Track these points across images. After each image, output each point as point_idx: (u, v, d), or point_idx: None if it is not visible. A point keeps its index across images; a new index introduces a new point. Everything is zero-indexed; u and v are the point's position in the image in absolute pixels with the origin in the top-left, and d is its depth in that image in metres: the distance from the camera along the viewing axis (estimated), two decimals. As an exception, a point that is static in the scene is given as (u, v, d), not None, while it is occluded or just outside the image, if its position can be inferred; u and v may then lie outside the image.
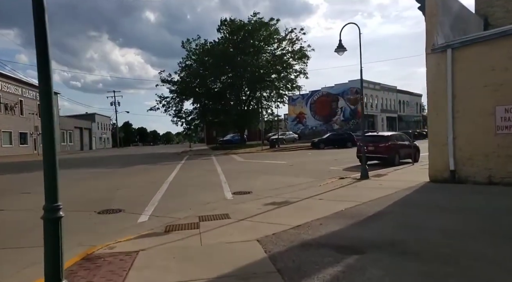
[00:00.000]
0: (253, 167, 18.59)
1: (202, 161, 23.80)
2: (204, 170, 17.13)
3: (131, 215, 7.81)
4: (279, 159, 23.10)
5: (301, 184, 11.81)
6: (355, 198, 8.36)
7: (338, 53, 12.23)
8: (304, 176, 13.96)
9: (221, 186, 11.55)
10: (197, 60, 37.71)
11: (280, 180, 12.97)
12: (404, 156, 17.51)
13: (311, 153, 28.55)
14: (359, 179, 11.80)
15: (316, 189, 10.44)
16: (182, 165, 20.29)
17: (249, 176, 14.24)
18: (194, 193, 10.62)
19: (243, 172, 15.89)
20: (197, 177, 14.40)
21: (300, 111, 63.46)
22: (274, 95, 40.06)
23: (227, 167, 18.15)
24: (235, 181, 12.85)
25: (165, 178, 13.90)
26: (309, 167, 17.43)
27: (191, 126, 39.47)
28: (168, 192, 10.76)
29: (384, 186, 10.09)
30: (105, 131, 77.67)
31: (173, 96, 37.49)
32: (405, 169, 14.51)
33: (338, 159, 22.12)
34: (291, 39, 36.97)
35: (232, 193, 10.21)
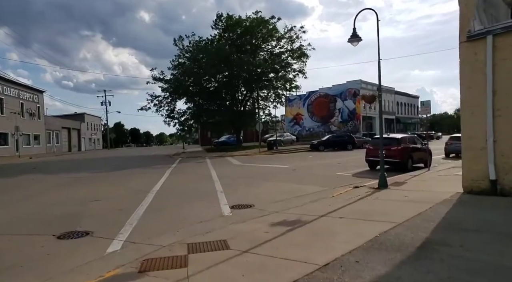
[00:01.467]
0: (252, 171, 16.90)
1: (196, 165, 22.04)
2: (197, 175, 15.38)
3: (100, 240, 6.07)
4: (280, 162, 21.43)
5: (310, 193, 10.17)
6: (384, 216, 6.71)
7: (352, 43, 10.62)
8: (311, 183, 12.30)
9: (217, 197, 9.84)
10: (191, 58, 35.86)
11: (284, 188, 11.30)
12: (417, 160, 15.97)
13: (312, 156, 26.94)
14: (377, 188, 10.17)
15: (329, 201, 8.80)
16: (173, 169, 18.50)
17: (248, 183, 12.54)
18: (184, 206, 8.89)
19: (241, 178, 14.19)
20: (189, 185, 12.65)
21: (297, 112, 61.96)
22: (271, 95, 38.43)
23: (223, 172, 16.44)
24: (232, 189, 11.15)
25: (152, 185, 12.14)
26: (314, 172, 15.80)
27: (184, 127, 37.58)
28: (153, 204, 9.02)
29: (411, 198, 8.46)
30: (95, 132, 75.29)
31: (165, 95, 35.62)
32: (423, 175, 12.92)
33: (342, 162, 20.53)
34: (291, 37, 35.37)
35: (230, 207, 8.52)
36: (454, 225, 5.99)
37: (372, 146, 15.92)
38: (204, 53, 34.68)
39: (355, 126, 54.41)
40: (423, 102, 14.33)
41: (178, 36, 37.33)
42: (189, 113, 37.29)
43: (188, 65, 35.61)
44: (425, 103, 14.25)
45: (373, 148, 15.84)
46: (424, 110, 14.27)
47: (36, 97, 47.79)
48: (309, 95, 60.30)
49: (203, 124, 39.79)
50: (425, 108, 14.24)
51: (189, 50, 36.49)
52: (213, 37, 36.88)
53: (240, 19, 35.09)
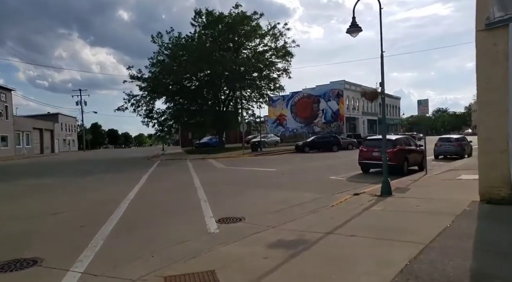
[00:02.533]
0: (238, 176, 15.62)
1: (176, 168, 20.52)
2: (178, 182, 13.95)
3: (50, 272, 4.66)
4: (266, 165, 20.25)
5: (306, 202, 9.01)
6: (404, 233, 5.61)
7: (351, 34, 9.53)
8: (304, 189, 11.16)
9: (200, 208, 8.51)
10: (171, 55, 34.17)
11: (276, 196, 10.10)
12: (412, 163, 15.14)
13: (299, 158, 25.90)
14: (380, 195, 9.12)
15: (330, 211, 7.67)
16: (150, 174, 16.95)
17: (236, 191, 11.26)
18: (161, 220, 7.52)
19: (227, 184, 12.87)
20: (168, 193, 11.22)
21: (281, 113, 61.09)
22: (255, 95, 37.18)
23: (206, 177, 15.08)
24: (218, 198, 9.85)
25: (125, 194, 10.65)
26: (305, 176, 14.68)
27: (163, 128, 35.78)
28: (124, 219, 7.61)
29: (425, 208, 7.43)
30: (70, 133, 71.84)
31: (143, 95, 33.75)
32: (424, 180, 12.01)
33: (332, 165, 19.56)
34: (274, 35, 34.26)
35: (216, 220, 7.22)
36: (494, 246, 4.92)
37: (366, 148, 14.97)
38: (184, 51, 33.09)
39: (338, 127, 54.01)
40: (420, 101, 13.51)
41: (157, 32, 35.60)
42: (169, 113, 35.57)
43: (167, 63, 33.91)
44: (423, 102, 13.43)
45: (366, 149, 14.90)
46: (422, 109, 13.44)
47: (4, 96, 44.72)
48: (293, 96, 59.54)
49: (184, 125, 38.12)
50: (423, 107, 13.42)
51: (168, 47, 34.80)
52: (193, 34, 35.32)
53: (221, 15, 33.68)
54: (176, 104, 35.71)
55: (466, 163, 17.54)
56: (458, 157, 21.28)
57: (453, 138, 22.75)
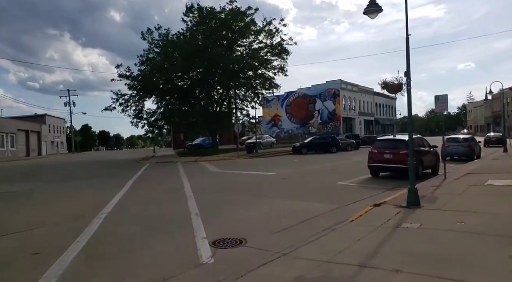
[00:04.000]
0: (234, 181, 14.04)
1: (165, 173, 18.83)
2: (166, 189, 12.29)
3: None
4: (264, 168, 18.69)
5: (318, 215, 7.51)
6: (464, 265, 4.16)
7: (369, 15, 8.05)
8: (312, 197, 9.65)
9: (190, 224, 6.92)
10: (161, 52, 32.43)
11: (281, 207, 8.57)
12: (427, 166, 13.73)
13: (297, 160, 24.40)
14: (406, 206, 7.63)
15: (353, 230, 6.17)
16: (136, 179, 15.26)
17: (233, 200, 9.67)
18: (139, 245, 5.91)
19: (222, 192, 11.26)
20: (154, 204, 9.58)
21: (275, 114, 59.70)
22: (249, 95, 35.60)
23: (199, 182, 13.48)
24: (212, 210, 8.28)
25: (103, 204, 9.00)
26: (310, 181, 13.18)
27: (153, 129, 33.97)
28: (93, 243, 5.98)
29: (472, 226, 5.94)
30: (59, 135, 69.39)
31: (132, 94, 31.97)
32: (448, 186, 10.55)
33: (335, 168, 18.12)
34: (270, 31, 32.73)
35: (211, 243, 5.66)
36: None
37: (377, 149, 13.50)
38: (175, 48, 31.39)
39: (335, 127, 52.78)
40: (438, 97, 12.01)
41: (147, 29, 33.86)
42: (160, 113, 33.81)
43: (158, 60, 32.17)
44: (441, 98, 11.93)
45: (377, 151, 13.43)
46: (440, 106, 11.96)
47: (-15, 96, 42.50)
48: (288, 96, 58.21)
49: (175, 125, 36.34)
50: (441, 104, 11.93)
51: (159, 44, 33.04)
52: (184, 31, 33.62)
53: (214, 10, 32.03)
54: (167, 104, 33.97)
55: (481, 165, 16.25)
56: (467, 158, 20.01)
57: (462, 138, 21.47)
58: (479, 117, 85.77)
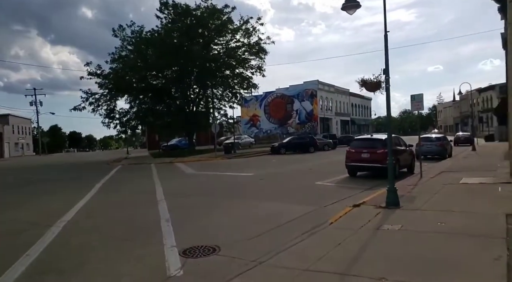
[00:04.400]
0: (209, 183, 13.55)
1: (137, 174, 18.04)
2: (136, 192, 11.63)
3: None
4: (242, 169, 18.28)
5: (297, 218, 7.20)
6: (449, 269, 3.92)
7: (348, 11, 7.82)
8: (290, 199, 9.35)
9: (160, 232, 6.41)
10: (134, 50, 31.31)
11: (258, 209, 8.19)
12: (403, 165, 13.76)
13: (276, 160, 24.15)
14: (386, 207, 7.44)
15: (333, 233, 5.88)
16: (105, 183, 14.44)
17: (207, 203, 9.19)
18: (101, 257, 5.35)
19: (197, 195, 10.75)
20: (120, 209, 8.95)
21: (254, 114, 59.40)
22: (227, 94, 35.07)
23: (172, 185, 12.90)
24: (185, 215, 7.79)
25: (63, 212, 8.29)
26: (288, 182, 12.87)
27: (126, 129, 32.75)
28: (47, 256, 5.38)
29: (451, 226, 5.78)
30: (24, 136, 65.99)
31: (103, 93, 30.67)
32: (425, 185, 10.52)
33: (313, 168, 17.95)
34: (247, 30, 32.34)
35: (181, 252, 5.21)
36: None
37: (354, 149, 13.39)
38: (149, 45, 30.41)
39: (313, 128, 53.10)
40: (414, 96, 12.03)
41: (118, 25, 32.62)
42: (133, 113, 32.65)
43: (130, 58, 31.05)
44: (417, 97, 11.96)
45: (355, 151, 13.32)
46: (416, 105, 11.98)
47: None
48: (266, 96, 58.06)
49: (150, 125, 35.23)
50: (417, 103, 11.95)
51: (132, 41, 31.88)
52: (159, 28, 32.65)
53: (189, 7, 31.26)
54: (141, 104, 32.88)
55: (453, 163, 16.54)
56: (439, 157, 20.41)
57: (435, 137, 21.89)
58: (448, 118, 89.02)
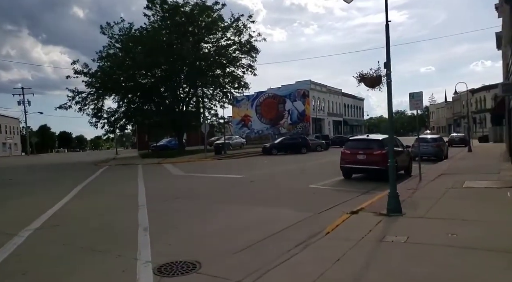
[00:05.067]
0: (197, 185, 12.78)
1: (121, 176, 17.17)
2: (117, 196, 10.81)
3: None
4: (232, 170, 17.55)
5: (289, 226, 6.50)
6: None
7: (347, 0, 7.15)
8: (282, 203, 8.66)
9: (135, 242, 5.65)
10: (123, 48, 30.29)
11: (246, 216, 7.48)
12: (401, 167, 13.16)
13: (267, 161, 23.45)
14: (386, 214, 6.79)
15: (330, 246, 5.20)
16: (86, 185, 13.57)
17: (191, 209, 8.44)
18: (63, 271, 4.58)
19: (181, 198, 9.97)
20: (96, 215, 8.12)
21: (245, 114, 58.69)
22: (218, 94, 34.27)
23: (156, 188, 12.10)
24: (165, 223, 7.03)
25: (32, 219, 7.45)
26: (280, 184, 12.18)
27: (114, 128, 31.70)
28: (0, 272, 4.59)
29: (465, 239, 5.13)
30: (11, 136, 64.33)
31: (90, 92, 29.60)
32: (424, 189, 9.92)
33: (305, 169, 17.31)
34: (238, 28, 31.57)
35: (155, 270, 4.46)
36: None
37: (349, 150, 12.75)
38: (136, 42, 29.46)
39: (305, 128, 52.59)
40: (412, 94, 11.41)
41: (106, 23, 31.59)
42: (121, 112, 31.64)
43: (119, 56, 30.04)
44: (416, 95, 11.35)
45: (350, 152, 12.68)
46: (415, 104, 11.37)
47: None
48: (258, 96, 57.40)
49: (139, 125, 34.20)
50: (416, 101, 11.34)
51: (120, 39, 30.86)
52: (148, 26, 31.68)
53: (178, 4, 30.35)
54: (130, 103, 31.88)
55: (451, 165, 16.03)
56: (436, 158, 19.94)
57: (431, 138, 21.43)
58: (441, 118, 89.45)
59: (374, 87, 7.17)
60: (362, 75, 7.17)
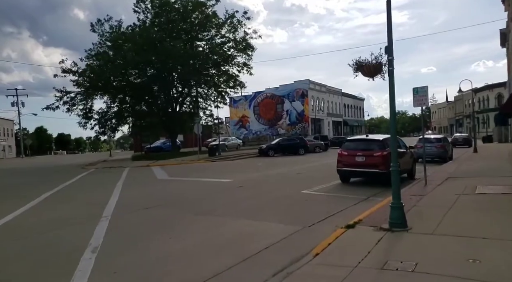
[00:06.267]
0: (178, 191, 11.61)
1: (101, 181, 15.93)
2: (84, 204, 9.59)
3: None
4: (222, 173, 16.38)
5: (271, 246, 5.33)
6: None
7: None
8: (268, 214, 7.50)
9: (73, 269, 4.48)
10: (113, 47, 29.14)
11: (224, 231, 6.32)
12: (403, 169, 11.96)
13: (262, 163, 22.28)
14: (389, 229, 5.63)
15: (317, 274, 4.09)
16: (59, 190, 12.40)
17: (162, 221, 7.26)
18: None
19: (154, 208, 8.74)
20: (49, 229, 6.89)
21: (243, 115, 57.49)
22: (213, 94, 33.13)
23: (132, 194, 10.93)
24: (123, 241, 5.87)
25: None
26: (270, 190, 10.99)
27: (105, 129, 30.49)
28: None
29: (492, 265, 3.97)
30: (5, 138, 63.19)
31: (79, 91, 28.44)
32: (431, 195, 8.76)
33: (301, 172, 16.14)
34: (233, 25, 30.44)
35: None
36: None
37: (347, 151, 11.57)
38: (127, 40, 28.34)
39: (304, 129, 51.40)
40: (416, 89, 10.22)
41: (97, 19, 30.47)
42: (112, 113, 30.49)
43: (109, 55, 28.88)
44: (420, 90, 10.16)
45: (348, 153, 11.50)
46: (419, 100, 10.18)
47: None
48: (255, 96, 56.23)
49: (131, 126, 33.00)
50: (420, 97, 10.15)
51: (110, 37, 29.70)
52: (140, 23, 30.55)
53: (169, 0, 29.20)
54: (121, 103, 30.73)
55: (458, 168, 14.85)
56: (439, 160, 18.78)
57: (434, 138, 20.22)
58: (443, 119, 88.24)
59: (374, 76, 6.02)
60: (359, 62, 6.02)
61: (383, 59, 5.89)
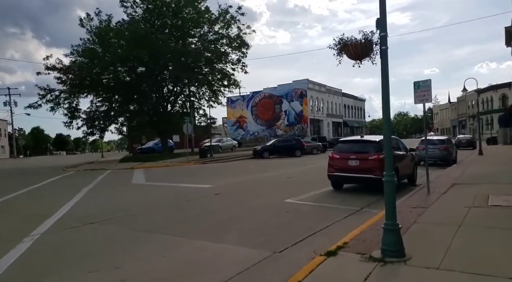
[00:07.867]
0: (146, 199, 10.23)
1: (70, 185, 14.39)
2: (23, 217, 8.12)
3: None
4: (203, 177, 15.03)
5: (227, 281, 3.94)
6: None
7: None
8: (235, 232, 6.13)
9: None
10: (100, 42, 27.81)
11: (172, 256, 4.96)
12: (403, 175, 10.60)
13: (254, 165, 20.93)
14: (382, 259, 4.26)
15: None
16: (12, 197, 11.04)
17: (103, 241, 5.90)
18: None
19: (104, 222, 7.32)
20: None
21: (241, 115, 56.16)
22: (206, 93, 31.78)
23: (90, 203, 9.58)
24: (28, 273, 4.50)
25: None
26: (250, 198, 9.61)
27: (93, 130, 29.12)
28: None
29: None
30: (-2, 138, 62.08)
31: (64, 89, 27.12)
32: (436, 208, 7.37)
33: (292, 176, 14.78)
34: (227, 21, 29.10)
35: None
36: None
37: (339, 154, 10.19)
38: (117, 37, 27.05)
39: (302, 129, 50.04)
40: (418, 83, 8.86)
41: (86, 14, 29.16)
42: (101, 112, 29.15)
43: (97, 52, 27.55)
44: (422, 84, 8.80)
45: (340, 157, 10.12)
46: (421, 96, 8.82)
47: None
48: (253, 96, 54.92)
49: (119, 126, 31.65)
50: (422, 92, 8.79)
51: (99, 33, 28.35)
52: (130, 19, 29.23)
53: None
54: (110, 102, 29.39)
55: (464, 172, 13.43)
56: (443, 163, 17.38)
57: (437, 140, 18.80)
58: (445, 120, 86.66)
59: (362, 59, 4.65)
60: (344, 41, 4.65)
61: (374, 37, 4.53)
